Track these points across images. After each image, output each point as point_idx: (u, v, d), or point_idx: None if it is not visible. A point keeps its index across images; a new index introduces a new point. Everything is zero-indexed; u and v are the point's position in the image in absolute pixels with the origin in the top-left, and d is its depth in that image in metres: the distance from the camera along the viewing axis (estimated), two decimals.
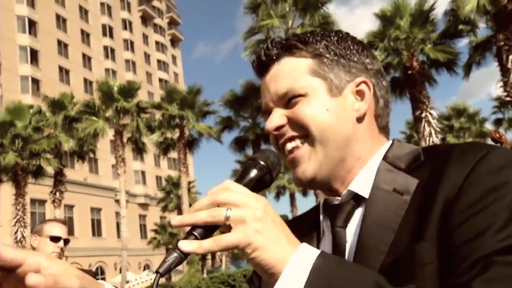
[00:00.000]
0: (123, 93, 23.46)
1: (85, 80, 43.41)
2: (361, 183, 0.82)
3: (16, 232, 21.29)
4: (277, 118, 0.84)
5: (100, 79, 24.99)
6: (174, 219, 0.69)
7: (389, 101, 0.91)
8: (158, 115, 24.80)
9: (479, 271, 0.63)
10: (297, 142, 0.83)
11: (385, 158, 0.83)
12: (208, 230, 0.69)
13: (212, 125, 25.29)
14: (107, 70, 46.37)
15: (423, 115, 20.03)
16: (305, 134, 0.82)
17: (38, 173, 22.50)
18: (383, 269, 0.72)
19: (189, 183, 31.08)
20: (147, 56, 54.75)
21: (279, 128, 0.84)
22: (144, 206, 44.96)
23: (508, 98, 18.64)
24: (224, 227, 0.68)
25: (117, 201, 24.20)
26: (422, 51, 20.21)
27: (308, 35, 0.86)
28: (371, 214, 0.78)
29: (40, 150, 21.49)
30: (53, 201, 23.76)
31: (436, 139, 19.98)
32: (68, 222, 30.36)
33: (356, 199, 0.82)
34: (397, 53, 20.41)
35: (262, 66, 0.88)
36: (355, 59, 0.86)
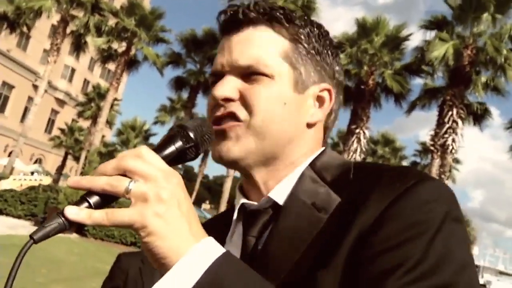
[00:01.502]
0: None
1: None
2: (283, 191, 0.72)
3: None
4: (229, 89, 0.72)
5: None
6: (71, 179, 0.58)
7: (338, 116, 0.82)
8: (112, 21, 23.03)
9: None
10: (234, 121, 0.72)
11: (312, 165, 0.74)
12: (105, 199, 0.59)
13: (159, 54, 24.19)
14: None
15: (357, 131, 20.31)
16: (247, 117, 0.71)
17: None
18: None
19: (115, 99, 29.35)
20: None
21: (227, 100, 0.72)
22: (61, 102, 42.34)
23: (431, 148, 19.48)
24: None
25: (35, 86, 21.95)
26: (381, 73, 20.35)
27: (294, 14, 0.75)
28: (282, 225, 0.69)
29: None
30: None
31: (358, 157, 20.35)
32: None
33: (275, 208, 0.72)
34: (359, 65, 20.42)
35: (233, 23, 0.75)
36: (328, 61, 0.77)
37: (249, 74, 0.73)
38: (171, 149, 0.63)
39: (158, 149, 0.63)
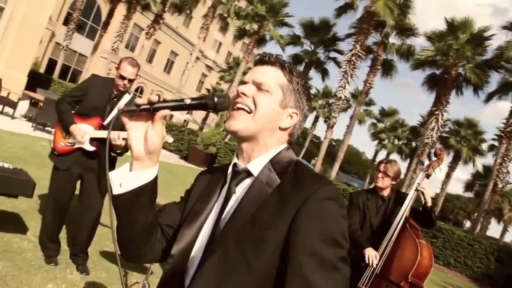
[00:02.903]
0: None
1: None
2: (255, 166, 1.09)
3: (114, 43, 25.62)
4: (247, 89, 1.10)
5: None
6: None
7: (299, 132, 1.17)
8: (248, 8, 27.12)
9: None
10: (245, 108, 1.08)
11: (272, 159, 1.09)
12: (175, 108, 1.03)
13: (283, 35, 27.37)
14: None
15: (437, 112, 22.12)
16: (253, 108, 1.08)
17: (146, 7, 26.42)
18: (247, 221, 1.00)
19: (248, 68, 33.85)
20: None
21: (244, 94, 1.09)
22: (209, 68, 48.22)
23: (501, 133, 20.71)
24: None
25: (192, 54, 27.46)
26: (463, 66, 21.76)
27: (295, 69, 1.14)
28: (251, 189, 1.06)
29: None
30: (147, 33, 27.95)
31: (435, 134, 22.17)
32: (151, 53, 35.58)
33: (249, 173, 1.09)
34: (445, 57, 22.03)
35: (262, 61, 1.14)
36: (303, 100, 1.15)
37: (259, 87, 1.10)
38: (201, 101, 1.05)
39: (193, 99, 1.04)
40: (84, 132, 3.34)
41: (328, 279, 0.91)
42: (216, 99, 1.05)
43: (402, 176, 23.85)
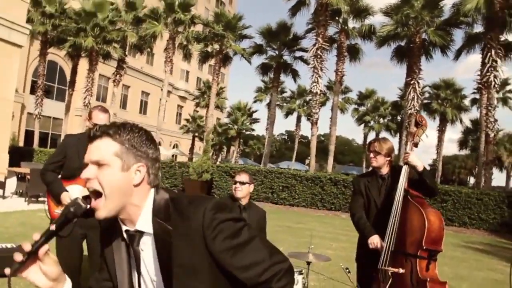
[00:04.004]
0: (182, 7, 26.27)
1: None
2: (143, 225, 1.18)
3: (85, 98, 25.43)
4: (89, 172, 1.15)
5: None
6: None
7: (157, 175, 1.22)
8: (206, 30, 27.46)
9: None
10: (98, 191, 1.14)
11: (153, 212, 1.17)
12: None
13: (246, 48, 27.71)
14: None
15: (412, 82, 22.37)
16: (101, 190, 1.14)
17: (107, 56, 26.43)
18: (174, 273, 1.13)
19: (220, 88, 34.32)
20: None
21: (88, 178, 1.15)
22: (183, 98, 48.81)
23: (479, 85, 21.10)
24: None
25: (163, 90, 27.62)
26: (425, 31, 22.01)
27: (122, 128, 1.18)
28: (157, 245, 1.16)
29: (111, 39, 24.93)
30: (114, 80, 27.99)
31: (416, 103, 22.41)
32: (123, 99, 35.58)
33: (141, 232, 1.18)
34: (406, 27, 22.27)
35: (91, 138, 1.18)
36: (143, 150, 1.18)
37: (98, 164, 1.14)
38: (63, 218, 1.13)
39: (55, 222, 1.12)
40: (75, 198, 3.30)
41: (251, 253, 1.15)
42: (72, 208, 1.14)
43: (396, 152, 24.35)
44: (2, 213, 9.07)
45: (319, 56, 22.76)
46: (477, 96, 25.71)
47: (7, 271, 1.05)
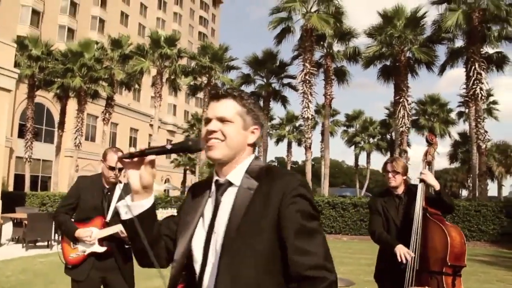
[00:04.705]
0: (168, 42, 26.37)
1: (140, 24, 47.27)
2: (234, 177, 1.33)
3: (75, 138, 25.14)
4: (214, 125, 1.31)
5: (152, 28, 27.73)
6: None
7: (261, 139, 1.46)
8: (192, 63, 27.60)
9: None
10: (218, 139, 1.31)
11: (247, 170, 1.33)
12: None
13: (233, 79, 27.83)
14: (158, 19, 50.07)
15: (401, 100, 22.48)
16: (224, 138, 1.31)
17: (95, 95, 26.31)
18: (239, 224, 1.23)
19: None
20: (192, 12, 58.22)
21: (213, 131, 1.31)
22: (172, 132, 49.04)
23: (466, 98, 21.42)
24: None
25: (151, 125, 27.46)
26: (409, 49, 22.36)
27: (244, 93, 1.37)
28: (238, 196, 1.29)
29: (99, 77, 24.91)
30: (103, 119, 27.71)
31: (407, 121, 22.55)
32: (112, 137, 35.32)
33: (230, 183, 1.33)
34: (390, 47, 22.58)
35: (216, 95, 1.36)
36: (259, 114, 1.38)
37: (222, 120, 1.31)
38: (180, 145, 1.27)
39: (173, 144, 1.26)
40: (91, 231, 3.26)
41: (313, 243, 1.22)
42: (190, 142, 1.28)
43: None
44: (1, 261, 8.68)
45: (307, 81, 22.88)
46: (463, 109, 26.18)
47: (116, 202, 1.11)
